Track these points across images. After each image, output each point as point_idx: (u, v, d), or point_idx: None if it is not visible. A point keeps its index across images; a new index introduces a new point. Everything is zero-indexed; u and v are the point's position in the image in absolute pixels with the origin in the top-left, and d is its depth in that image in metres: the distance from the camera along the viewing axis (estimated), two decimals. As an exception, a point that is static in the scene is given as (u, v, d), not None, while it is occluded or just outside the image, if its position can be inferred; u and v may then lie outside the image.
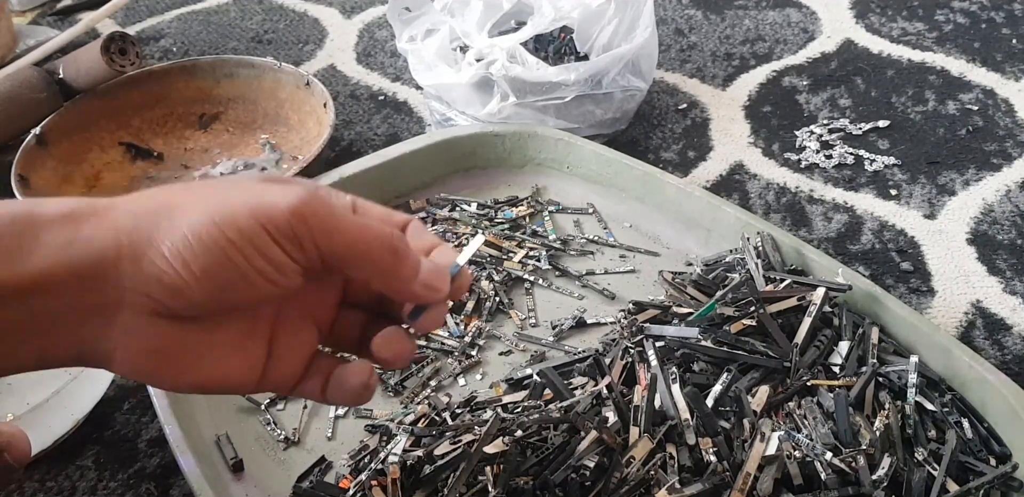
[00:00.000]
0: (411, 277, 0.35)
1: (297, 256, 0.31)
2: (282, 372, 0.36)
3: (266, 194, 0.31)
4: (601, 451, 0.48)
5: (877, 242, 0.73)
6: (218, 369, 0.34)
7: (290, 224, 0.31)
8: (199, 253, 0.30)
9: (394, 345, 0.37)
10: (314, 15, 1.09)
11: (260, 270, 0.31)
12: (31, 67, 0.85)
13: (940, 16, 1.01)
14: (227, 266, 0.30)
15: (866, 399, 0.52)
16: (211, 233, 0.30)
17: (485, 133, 0.77)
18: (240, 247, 0.30)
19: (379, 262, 0.33)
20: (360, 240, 0.33)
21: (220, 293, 0.31)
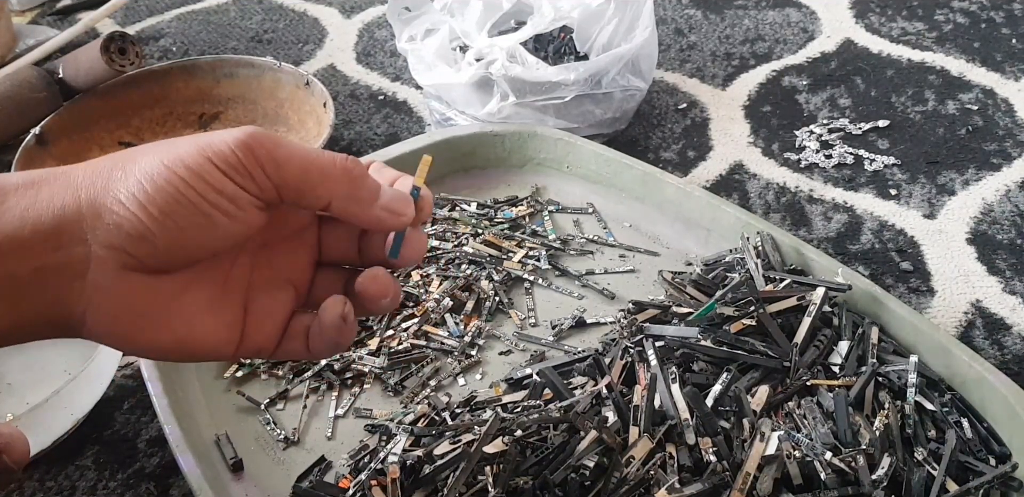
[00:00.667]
0: (371, 200, 0.35)
1: (249, 186, 0.32)
2: (260, 333, 0.36)
3: (212, 136, 0.32)
4: (601, 451, 0.48)
5: (877, 242, 0.73)
6: (193, 329, 0.33)
7: (236, 155, 0.31)
8: (153, 194, 0.30)
9: (379, 280, 0.36)
10: (314, 15, 1.09)
11: (215, 203, 0.31)
12: (31, 67, 0.85)
13: (940, 16, 1.01)
14: (182, 203, 0.31)
15: (866, 399, 0.52)
16: (162, 173, 0.30)
17: (485, 133, 0.77)
18: (191, 183, 0.31)
19: (336, 186, 0.33)
20: (312, 165, 0.33)
21: (181, 234, 0.31)
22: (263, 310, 0.36)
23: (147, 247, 0.31)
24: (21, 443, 0.43)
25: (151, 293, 0.32)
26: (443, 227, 0.72)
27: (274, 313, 0.36)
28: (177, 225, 0.31)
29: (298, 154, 0.33)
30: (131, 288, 0.31)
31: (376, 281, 0.36)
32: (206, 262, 0.34)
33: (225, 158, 0.31)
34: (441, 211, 0.73)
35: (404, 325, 0.64)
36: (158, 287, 0.32)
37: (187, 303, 0.33)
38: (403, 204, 0.36)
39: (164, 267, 0.32)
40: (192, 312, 0.33)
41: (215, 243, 0.33)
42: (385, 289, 0.36)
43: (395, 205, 0.35)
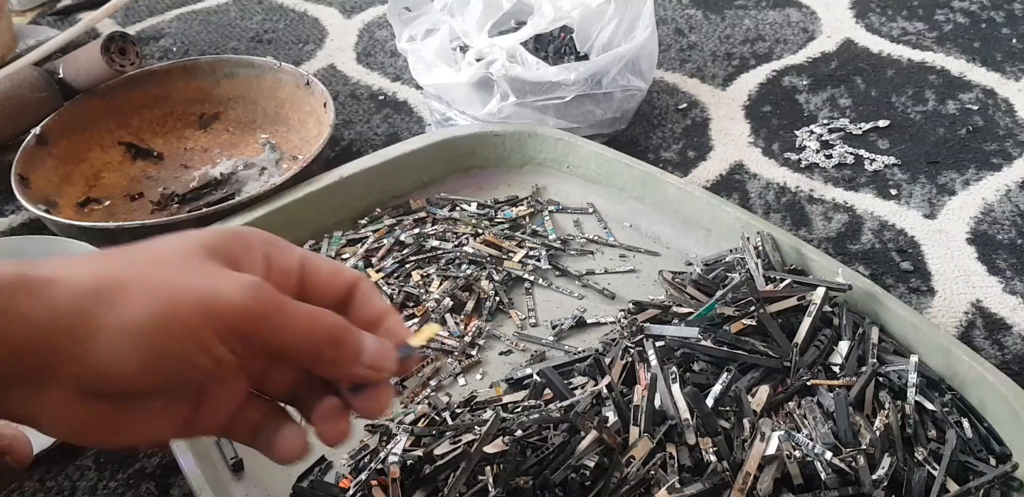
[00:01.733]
0: (353, 361, 0.34)
1: (240, 351, 0.31)
2: (208, 423, 0.35)
3: (215, 286, 0.31)
4: (601, 451, 0.48)
5: (877, 242, 0.73)
6: (143, 432, 0.33)
7: (239, 325, 0.30)
8: (141, 348, 0.29)
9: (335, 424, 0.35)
10: (314, 15, 1.09)
11: (201, 367, 0.30)
12: (31, 67, 0.85)
13: (940, 16, 1.01)
14: (169, 361, 0.30)
15: (866, 399, 0.52)
16: (155, 330, 0.29)
17: (485, 133, 0.77)
18: (184, 346, 0.30)
19: (322, 352, 0.33)
20: (306, 335, 0.32)
21: (155, 383, 0.31)
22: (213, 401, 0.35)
23: (115, 388, 0.30)
24: (24, 444, 0.43)
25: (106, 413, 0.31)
26: (443, 227, 0.72)
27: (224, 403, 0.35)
28: (153, 379, 0.30)
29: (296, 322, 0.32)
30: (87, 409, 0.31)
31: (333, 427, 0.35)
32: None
33: (227, 326, 0.30)
34: (441, 211, 0.73)
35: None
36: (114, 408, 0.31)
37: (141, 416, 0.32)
38: (386, 361, 0.35)
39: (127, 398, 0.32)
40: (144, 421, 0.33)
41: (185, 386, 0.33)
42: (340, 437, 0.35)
43: (379, 362, 0.34)
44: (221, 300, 0.30)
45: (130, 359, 0.29)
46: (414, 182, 0.76)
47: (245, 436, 0.36)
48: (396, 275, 0.68)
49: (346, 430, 0.35)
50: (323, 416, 0.35)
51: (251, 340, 0.31)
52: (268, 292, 0.31)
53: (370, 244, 0.70)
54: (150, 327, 0.29)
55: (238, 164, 0.83)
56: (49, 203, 0.77)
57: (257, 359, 0.33)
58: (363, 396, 0.35)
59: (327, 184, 0.72)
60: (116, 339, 0.29)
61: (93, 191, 0.82)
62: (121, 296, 0.29)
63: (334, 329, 0.33)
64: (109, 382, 0.30)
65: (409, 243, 0.70)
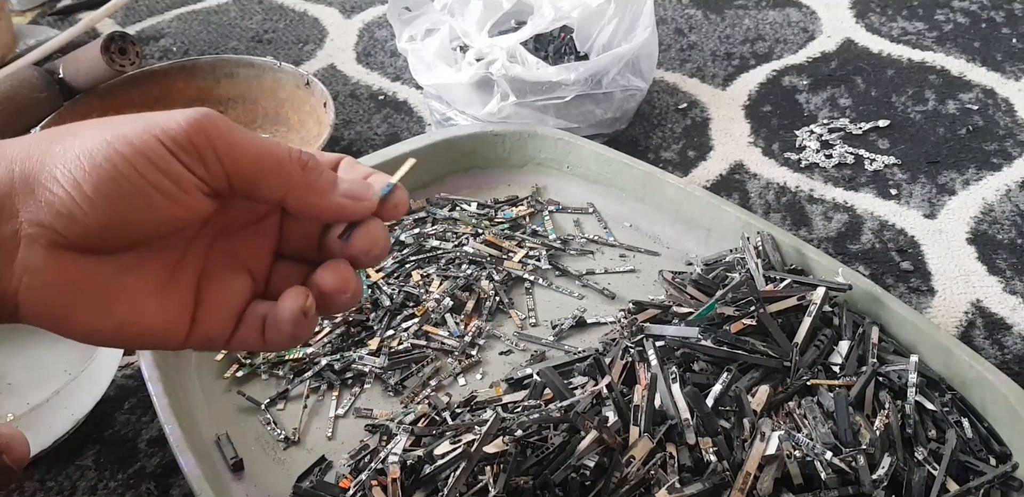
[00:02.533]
0: (329, 189, 0.33)
1: (196, 169, 0.30)
2: (213, 321, 0.34)
3: (163, 113, 0.30)
4: (601, 451, 0.48)
5: (877, 242, 0.73)
6: (136, 313, 0.31)
7: (188, 135, 0.29)
8: (90, 171, 0.28)
9: (339, 272, 0.34)
10: (314, 15, 1.09)
11: (156, 184, 0.29)
12: (31, 67, 0.85)
13: (940, 16, 1.01)
14: (120, 182, 0.29)
15: (866, 399, 0.52)
16: (102, 150, 0.29)
17: (485, 133, 0.77)
18: (132, 160, 0.29)
19: (291, 177, 0.32)
20: (267, 154, 0.31)
21: (116, 216, 0.29)
22: (217, 297, 0.34)
23: (78, 227, 0.29)
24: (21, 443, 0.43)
25: (88, 274, 0.30)
26: (443, 227, 0.72)
27: (228, 301, 0.34)
28: (112, 206, 0.29)
29: (253, 141, 0.31)
30: (64, 268, 0.29)
31: (336, 273, 0.34)
32: (154, 245, 0.32)
33: (173, 136, 0.29)
34: (441, 211, 0.73)
35: (404, 325, 0.64)
36: (95, 268, 0.30)
37: (129, 286, 0.31)
38: (364, 189, 0.34)
39: (101, 248, 0.30)
40: (135, 295, 0.31)
41: (154, 227, 0.31)
42: (345, 283, 0.34)
43: (356, 190, 0.34)
44: (169, 120, 0.30)
45: (82, 186, 0.28)
46: (414, 182, 0.76)
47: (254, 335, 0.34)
48: (396, 275, 0.68)
49: (349, 276, 0.34)
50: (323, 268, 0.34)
51: (206, 155, 0.30)
52: (217, 114, 0.31)
53: (370, 244, 0.70)
54: (98, 149, 0.29)
55: (238, 164, 0.83)
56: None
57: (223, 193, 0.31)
58: (355, 235, 0.34)
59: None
60: (65, 169, 0.28)
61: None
62: (71, 136, 0.29)
63: (295, 151, 0.32)
64: (68, 222, 0.29)
65: (409, 243, 0.70)
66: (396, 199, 0.35)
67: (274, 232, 0.37)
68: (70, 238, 0.29)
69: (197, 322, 0.33)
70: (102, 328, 0.31)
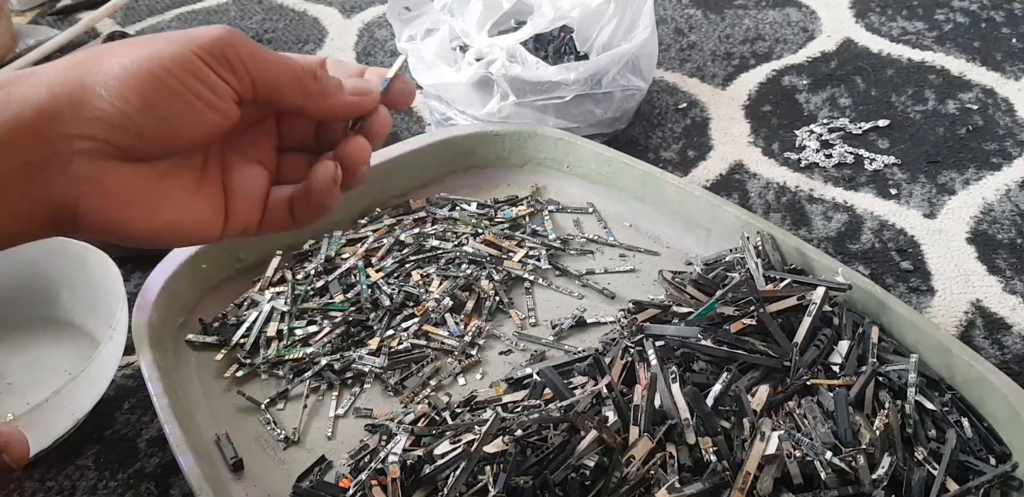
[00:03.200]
0: (338, 91, 0.37)
1: (231, 80, 0.33)
2: (243, 210, 0.37)
3: (192, 31, 0.33)
4: (601, 451, 0.48)
5: (877, 241, 0.73)
6: (182, 211, 0.35)
7: (222, 49, 0.32)
8: (135, 86, 0.31)
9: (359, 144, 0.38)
10: (314, 14, 1.09)
11: (198, 94, 0.32)
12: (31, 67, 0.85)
13: (940, 15, 1.01)
14: (166, 93, 0.31)
15: (866, 398, 0.52)
16: (144, 66, 0.31)
17: (485, 133, 0.77)
18: (176, 74, 0.31)
19: (306, 86, 0.36)
20: (285, 67, 0.35)
21: (165, 124, 0.32)
22: (242, 188, 0.37)
23: (130, 137, 0.32)
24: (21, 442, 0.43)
25: (138, 180, 0.33)
26: (443, 227, 0.72)
27: (252, 190, 0.38)
28: (160, 115, 0.32)
29: (272, 55, 0.34)
30: (117, 176, 0.32)
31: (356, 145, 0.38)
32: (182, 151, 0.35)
33: (210, 51, 0.32)
34: (441, 211, 0.73)
35: (404, 325, 0.64)
36: (143, 174, 0.33)
37: (172, 187, 0.34)
38: (365, 85, 0.38)
39: (147, 156, 0.33)
40: (179, 195, 0.35)
41: (196, 133, 0.33)
42: (364, 152, 0.38)
43: (360, 87, 0.38)
44: (200, 35, 0.32)
45: (130, 99, 0.31)
46: (414, 182, 0.76)
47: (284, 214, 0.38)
48: (396, 275, 0.68)
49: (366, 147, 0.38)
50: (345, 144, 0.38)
51: (237, 67, 0.33)
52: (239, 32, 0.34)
53: (370, 244, 0.70)
54: (139, 65, 0.31)
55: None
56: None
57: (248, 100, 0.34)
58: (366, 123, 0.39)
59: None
60: (111, 85, 0.31)
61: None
62: (106, 58, 0.32)
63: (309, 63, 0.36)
64: (121, 132, 0.31)
65: (409, 243, 0.70)
66: (398, 88, 0.40)
67: (273, 131, 0.40)
68: (121, 148, 0.32)
69: (230, 213, 0.37)
70: (155, 227, 0.34)
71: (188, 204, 0.35)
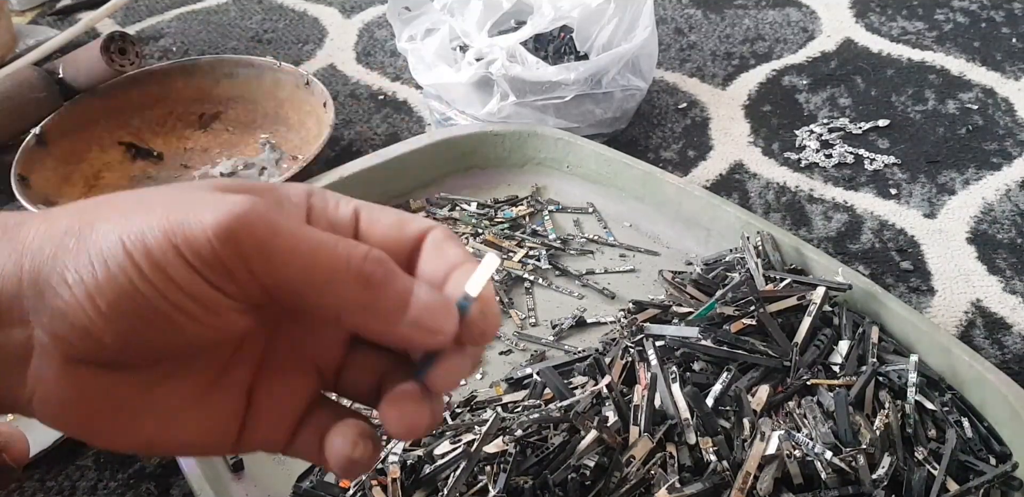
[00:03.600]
0: (395, 314, 0.26)
1: (227, 288, 0.24)
2: (266, 428, 0.29)
3: (193, 207, 0.24)
4: (601, 451, 0.48)
5: (877, 241, 0.73)
6: (168, 429, 0.27)
7: (213, 247, 0.24)
8: (104, 284, 0.23)
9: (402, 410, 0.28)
10: (314, 14, 1.09)
11: (180, 307, 0.24)
12: (31, 67, 0.85)
13: (940, 15, 1.01)
14: (138, 301, 0.24)
15: (866, 398, 0.52)
16: (116, 258, 0.23)
17: (485, 133, 0.77)
18: (150, 276, 0.23)
19: (346, 295, 0.25)
20: (317, 264, 0.25)
21: (135, 336, 0.24)
22: (273, 399, 0.29)
23: (93, 343, 0.24)
24: (21, 442, 0.43)
25: (108, 390, 0.26)
26: (443, 227, 0.71)
27: (287, 403, 0.29)
28: (130, 326, 0.24)
29: (301, 246, 0.25)
30: (81, 384, 0.25)
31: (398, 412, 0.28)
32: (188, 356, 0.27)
33: (197, 251, 0.23)
34: (441, 211, 0.73)
35: (404, 325, 0.64)
36: (117, 383, 0.26)
37: (161, 399, 0.27)
38: (441, 317, 0.26)
39: (121, 365, 0.26)
40: (167, 411, 0.27)
41: (184, 346, 0.26)
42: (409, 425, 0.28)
43: (430, 319, 0.26)
44: (196, 220, 0.24)
45: (95, 299, 0.23)
46: (414, 182, 0.76)
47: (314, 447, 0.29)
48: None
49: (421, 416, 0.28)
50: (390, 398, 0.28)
51: (236, 271, 0.24)
52: (260, 210, 0.24)
53: (370, 244, 0.70)
54: (112, 255, 0.24)
55: (238, 164, 0.83)
56: (49, 203, 0.77)
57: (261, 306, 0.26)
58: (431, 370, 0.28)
59: (327, 184, 0.72)
60: (79, 274, 0.24)
61: (93, 191, 0.82)
62: (93, 226, 0.24)
63: (356, 257, 0.25)
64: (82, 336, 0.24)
65: (409, 243, 0.70)
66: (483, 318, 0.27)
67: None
68: (86, 352, 0.25)
69: (248, 428, 0.28)
70: (129, 444, 0.27)
71: (180, 421, 0.27)
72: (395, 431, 0.28)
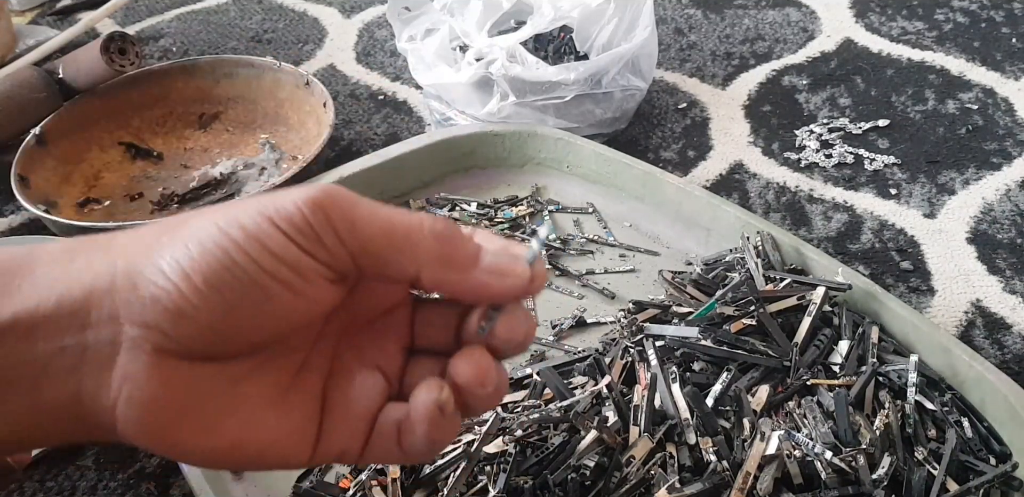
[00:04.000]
0: (470, 262, 0.28)
1: (317, 253, 0.26)
2: (343, 432, 0.29)
3: (280, 194, 0.27)
4: (601, 451, 0.48)
5: (877, 241, 0.73)
6: (253, 430, 0.27)
7: (304, 216, 0.26)
8: (199, 261, 0.25)
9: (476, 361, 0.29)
10: (314, 15, 1.09)
11: (273, 272, 0.25)
12: (31, 67, 0.85)
13: (940, 15, 1.01)
14: (233, 271, 0.25)
15: (866, 398, 0.52)
16: (212, 236, 0.25)
17: (485, 133, 0.77)
18: (245, 246, 0.25)
19: (424, 249, 0.27)
20: (396, 227, 0.27)
21: (231, 311, 0.25)
22: (346, 403, 0.29)
23: (189, 326, 0.25)
24: (22, 443, 0.43)
25: (196, 385, 0.26)
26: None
27: (360, 406, 0.30)
28: (225, 299, 0.25)
29: (379, 214, 0.27)
30: (170, 378, 0.26)
31: (472, 361, 0.29)
32: (274, 346, 0.28)
33: (289, 218, 0.26)
34: (441, 211, 0.73)
35: (404, 325, 0.64)
36: (207, 378, 0.26)
37: (245, 398, 0.27)
38: (511, 262, 0.28)
39: (213, 353, 0.26)
40: (252, 409, 0.27)
41: (275, 323, 0.27)
42: (484, 373, 0.29)
43: (502, 265, 0.28)
44: (285, 201, 0.26)
45: (191, 277, 0.25)
46: (414, 182, 0.76)
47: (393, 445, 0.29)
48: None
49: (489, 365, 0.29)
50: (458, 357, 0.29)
51: (325, 236, 0.26)
52: (340, 189, 0.27)
53: (370, 244, 0.70)
54: (208, 236, 0.25)
55: (238, 164, 0.83)
56: (49, 203, 0.77)
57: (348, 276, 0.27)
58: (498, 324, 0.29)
59: (327, 184, 0.72)
60: (174, 258, 0.25)
61: (93, 191, 0.82)
62: (184, 224, 0.26)
63: (429, 218, 0.28)
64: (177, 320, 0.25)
65: (409, 243, 0.70)
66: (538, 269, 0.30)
67: (405, 324, 0.32)
68: (179, 340, 0.25)
69: (324, 433, 0.29)
70: (212, 448, 0.27)
71: (265, 422, 0.27)
72: (465, 380, 0.29)
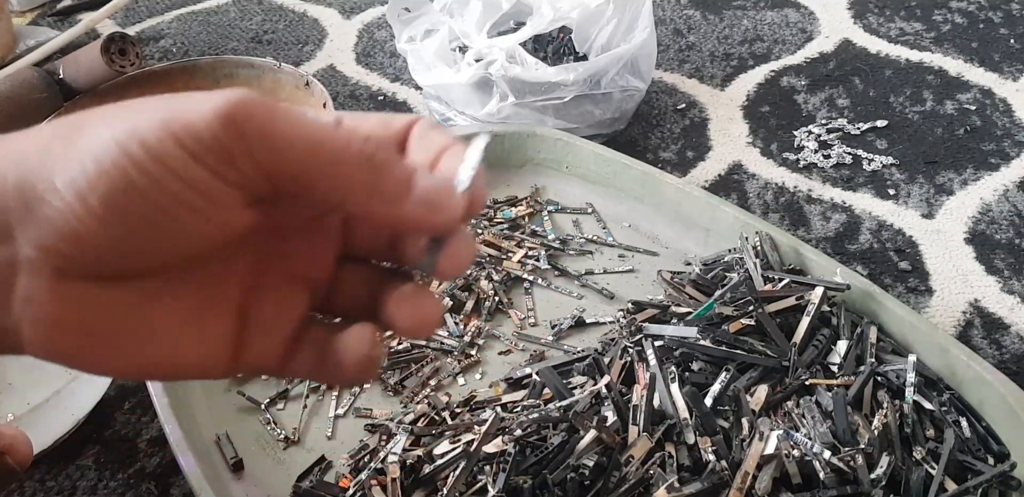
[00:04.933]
0: (401, 193, 0.25)
1: (228, 175, 0.23)
2: (262, 348, 0.28)
3: (188, 101, 0.23)
4: (600, 450, 0.48)
5: (875, 242, 0.73)
6: (166, 348, 0.25)
7: (213, 132, 0.22)
8: (96, 180, 0.22)
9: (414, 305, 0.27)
10: (314, 15, 1.09)
11: (178, 197, 0.23)
12: (31, 68, 0.85)
13: (938, 16, 1.02)
14: (134, 196, 0.22)
15: (864, 398, 0.52)
16: (110, 152, 0.22)
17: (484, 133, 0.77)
18: (146, 167, 0.22)
19: (351, 176, 0.25)
20: (319, 146, 0.24)
21: (133, 236, 0.23)
22: (267, 317, 0.28)
23: (87, 250, 0.23)
24: (24, 444, 0.43)
25: (103, 306, 0.24)
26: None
27: (281, 321, 0.28)
28: (127, 223, 0.23)
29: (302, 129, 0.24)
30: (73, 300, 0.23)
31: (409, 306, 0.27)
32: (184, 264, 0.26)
33: (197, 135, 0.22)
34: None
35: (404, 325, 0.64)
36: (113, 299, 0.24)
37: (157, 316, 0.25)
38: (445, 196, 0.26)
39: (119, 274, 0.24)
40: (165, 327, 0.25)
41: (184, 246, 0.24)
42: (420, 320, 0.27)
43: (434, 197, 0.26)
44: (194, 109, 0.23)
45: (88, 198, 0.22)
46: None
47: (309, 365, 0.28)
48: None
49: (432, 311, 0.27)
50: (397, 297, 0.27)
51: (238, 156, 0.23)
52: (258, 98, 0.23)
53: (370, 244, 0.70)
54: (104, 151, 0.22)
55: (238, 164, 0.83)
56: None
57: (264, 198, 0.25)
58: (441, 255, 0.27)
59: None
60: (69, 175, 0.22)
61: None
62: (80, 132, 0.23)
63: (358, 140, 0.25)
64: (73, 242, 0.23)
65: (408, 243, 0.70)
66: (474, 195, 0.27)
67: (337, 231, 0.30)
68: (80, 263, 0.23)
69: (243, 348, 0.27)
70: (126, 366, 0.25)
71: (178, 339, 0.26)
72: (407, 326, 0.28)
